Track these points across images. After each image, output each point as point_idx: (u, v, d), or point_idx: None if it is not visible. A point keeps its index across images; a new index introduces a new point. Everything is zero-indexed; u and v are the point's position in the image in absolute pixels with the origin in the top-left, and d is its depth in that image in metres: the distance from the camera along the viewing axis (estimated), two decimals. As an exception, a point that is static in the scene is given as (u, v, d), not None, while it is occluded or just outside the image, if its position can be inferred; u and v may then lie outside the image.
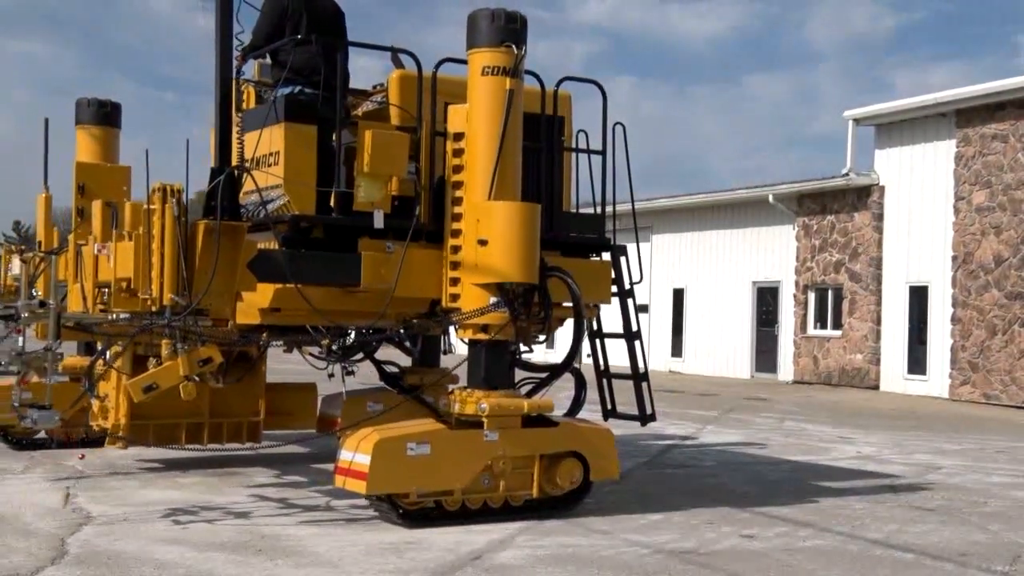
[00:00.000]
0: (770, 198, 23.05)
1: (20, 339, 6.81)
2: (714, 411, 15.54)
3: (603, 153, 7.71)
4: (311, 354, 7.83)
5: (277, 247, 6.52)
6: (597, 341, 7.70)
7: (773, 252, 23.67)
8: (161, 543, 5.84)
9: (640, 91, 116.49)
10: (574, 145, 7.82)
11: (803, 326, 22.87)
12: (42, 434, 9.09)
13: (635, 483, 8.46)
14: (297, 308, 6.64)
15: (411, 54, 7.04)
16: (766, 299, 23.95)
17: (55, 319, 6.65)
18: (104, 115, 9.46)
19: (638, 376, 7.57)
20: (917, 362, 20.43)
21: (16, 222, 76.59)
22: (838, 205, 22.13)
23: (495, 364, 6.68)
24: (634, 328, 7.62)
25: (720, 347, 24.36)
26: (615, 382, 7.82)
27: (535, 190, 6.96)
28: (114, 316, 6.72)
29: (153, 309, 6.28)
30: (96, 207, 7.39)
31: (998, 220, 18.87)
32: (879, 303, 21.14)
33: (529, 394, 7.04)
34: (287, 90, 6.90)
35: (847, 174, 21.54)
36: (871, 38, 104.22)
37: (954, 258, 19.65)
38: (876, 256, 21.20)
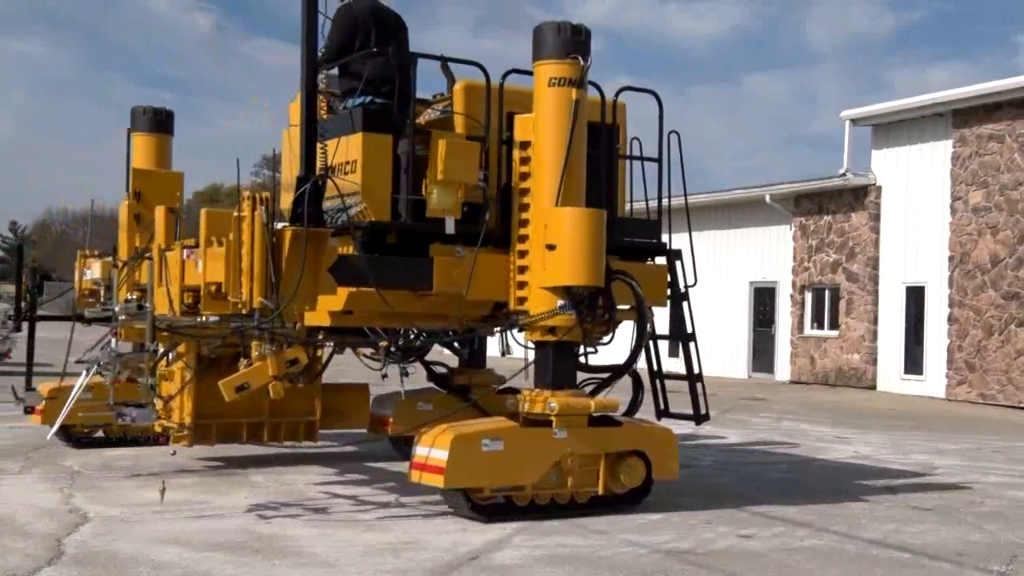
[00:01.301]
0: (767, 198, 23.06)
1: (113, 340, 6.98)
2: (712, 411, 15.52)
3: (659, 161, 7.96)
4: (365, 355, 7.99)
5: (352, 252, 6.72)
6: (651, 343, 7.81)
7: (770, 252, 23.69)
8: (158, 543, 5.84)
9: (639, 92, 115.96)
10: (627, 152, 7.99)
11: (800, 326, 22.89)
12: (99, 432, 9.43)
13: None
14: (367, 311, 6.95)
15: (480, 65, 7.20)
16: (763, 299, 23.97)
17: (152, 321, 6.81)
18: (158, 122, 9.77)
19: (693, 377, 7.73)
20: (914, 362, 20.45)
21: (12, 222, 76.43)
22: (835, 205, 22.14)
23: (562, 365, 6.90)
24: (688, 330, 7.83)
25: (717, 347, 24.38)
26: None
27: (595, 196, 7.13)
28: (203, 319, 6.94)
29: (243, 312, 6.48)
30: (160, 213, 7.79)
31: (995, 220, 18.90)
32: (876, 303, 21.17)
33: (591, 395, 7.17)
34: (360, 100, 7.12)
35: (844, 174, 21.56)
36: (870, 38, 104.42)
37: (951, 258, 19.68)
38: (873, 256, 21.22)
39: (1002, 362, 18.59)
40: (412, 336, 8.18)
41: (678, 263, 7.95)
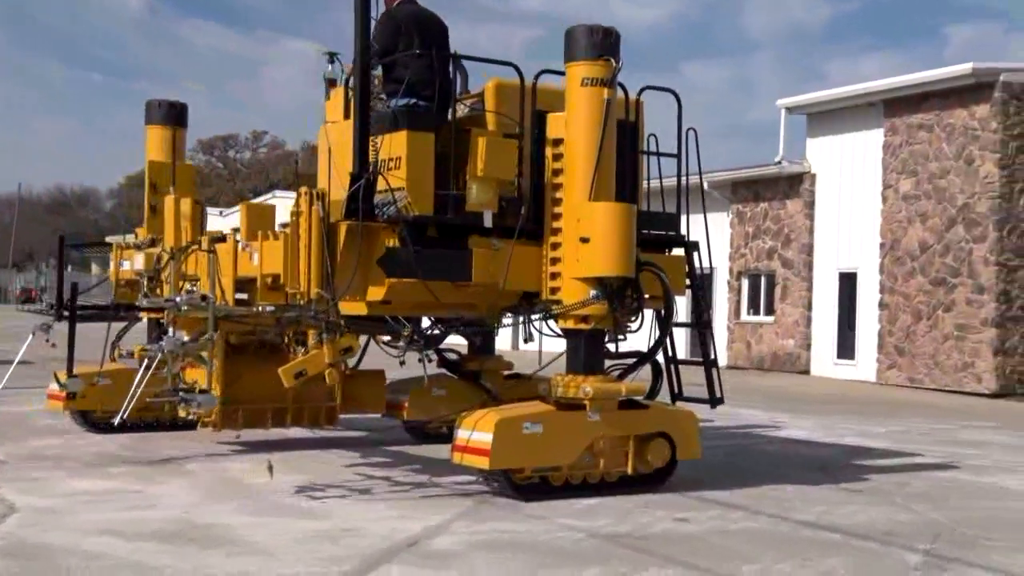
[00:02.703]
0: (705, 185, 23.26)
1: (171, 329, 7.27)
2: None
3: (678, 156, 8.37)
4: (385, 343, 8.20)
5: (393, 244, 6.99)
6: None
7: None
8: (90, 534, 5.72)
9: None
10: (645, 147, 8.29)
11: (736, 312, 23.21)
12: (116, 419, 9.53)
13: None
14: (404, 301, 7.30)
15: (515, 66, 7.48)
16: (701, 285, 24.20)
17: (214, 311, 7.07)
18: (173, 115, 10.02)
19: (708, 362, 8.05)
20: (846, 347, 20.88)
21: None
22: (771, 193, 22.46)
23: (593, 351, 7.25)
24: (704, 318, 8.25)
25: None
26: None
27: (622, 190, 7.42)
28: (259, 308, 7.33)
29: (301, 302, 6.84)
30: (186, 205, 8.21)
31: (923, 208, 19.34)
32: (810, 289, 21.55)
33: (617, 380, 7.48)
34: (405, 102, 7.40)
35: (780, 162, 21.88)
36: (806, 27, 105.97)
37: (882, 245, 20.10)
38: (807, 243, 21.58)
39: (930, 347, 19.06)
40: (431, 324, 8.50)
41: (695, 254, 8.35)
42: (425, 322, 8.59)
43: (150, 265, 9.03)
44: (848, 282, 20.91)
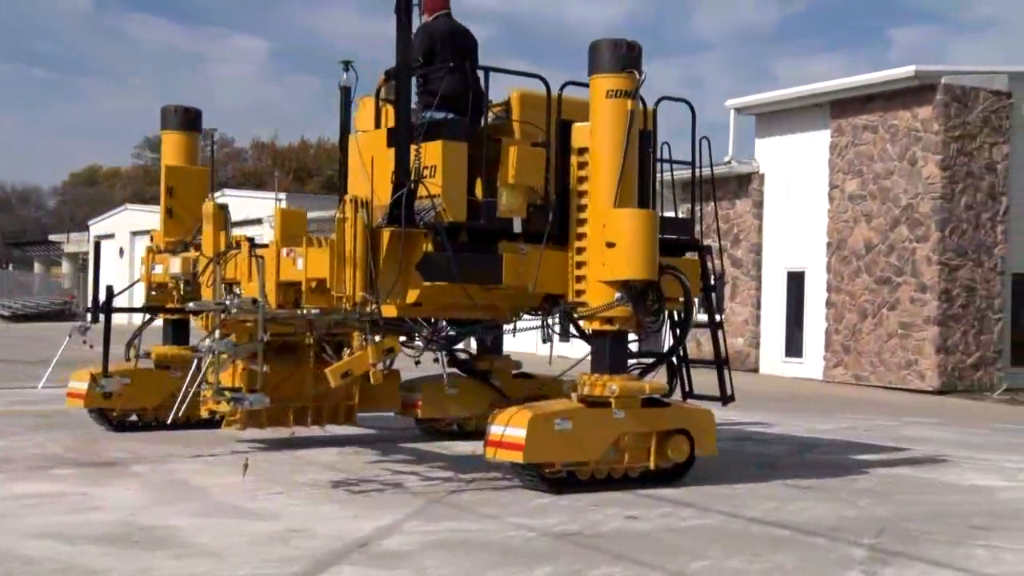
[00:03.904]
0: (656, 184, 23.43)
1: (217, 332, 7.41)
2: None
3: (692, 164, 8.78)
4: (401, 343, 8.32)
5: (431, 250, 7.24)
6: (678, 330, 8.39)
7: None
8: (30, 537, 5.60)
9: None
10: (659, 155, 8.58)
11: (686, 310, 23.38)
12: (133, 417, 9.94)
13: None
14: (433, 304, 7.60)
15: (543, 79, 7.80)
16: (651, 284, 24.39)
17: (263, 315, 7.37)
18: (188, 121, 10.36)
19: (720, 361, 8.38)
20: (794, 345, 21.16)
21: None
22: (720, 192, 22.64)
23: (618, 352, 7.57)
24: (717, 319, 8.58)
25: (606, 331, 24.73)
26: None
27: (642, 197, 7.69)
28: (304, 311, 7.64)
29: (346, 306, 7.10)
30: (208, 208, 8.57)
31: (868, 208, 19.66)
32: (759, 288, 21.81)
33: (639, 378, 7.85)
34: (441, 115, 7.66)
35: (729, 162, 22.10)
36: (756, 28, 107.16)
37: (828, 244, 20.40)
38: (756, 242, 21.84)
39: (875, 344, 19.39)
40: (444, 326, 8.74)
41: (708, 258, 8.66)
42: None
43: (187, 269, 9.19)
44: (796, 281, 21.19)
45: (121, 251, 46.60)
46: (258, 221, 33.12)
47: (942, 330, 18.40)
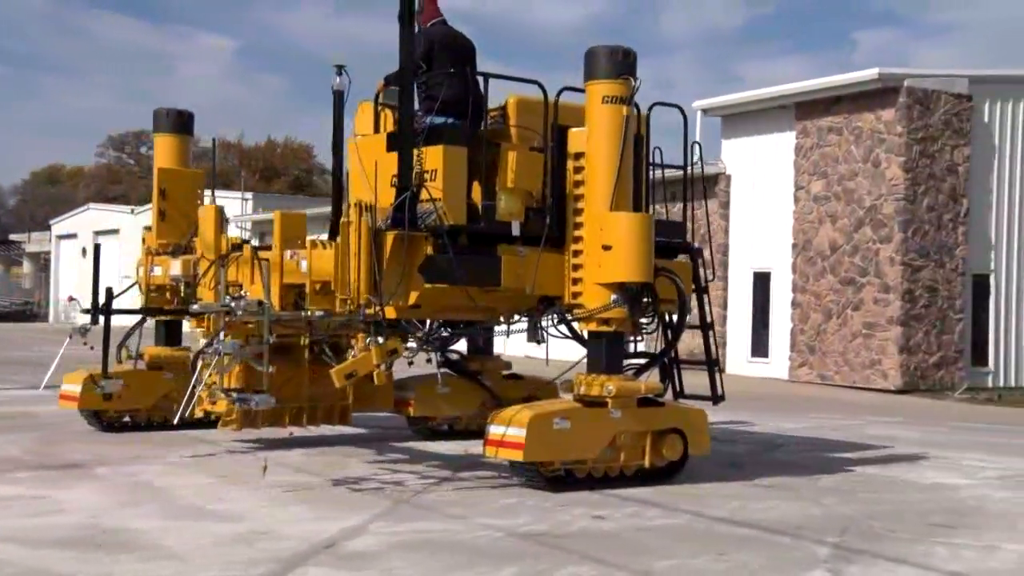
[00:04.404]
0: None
1: (222, 334, 7.53)
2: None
3: (684, 168, 9.04)
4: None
5: (433, 252, 7.34)
6: (669, 332, 8.49)
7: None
8: (-8, 542, 5.53)
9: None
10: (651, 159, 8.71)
11: (653, 311, 23.50)
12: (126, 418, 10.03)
13: (489, 469, 8.54)
14: (432, 305, 7.71)
15: (540, 84, 7.97)
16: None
17: (269, 317, 7.48)
18: (181, 124, 10.46)
19: (711, 362, 8.54)
20: (760, 345, 21.32)
21: None
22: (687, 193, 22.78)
23: (614, 352, 7.69)
24: (708, 320, 8.68)
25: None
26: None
27: (635, 200, 7.85)
28: (308, 313, 7.74)
29: (351, 308, 7.20)
30: (206, 211, 8.69)
31: (833, 209, 19.86)
32: (726, 288, 21.94)
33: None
34: (441, 120, 7.80)
35: (696, 163, 22.19)
36: (724, 30, 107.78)
37: (794, 245, 20.58)
38: (723, 243, 21.98)
39: (839, 344, 19.58)
40: (439, 326, 8.91)
41: (700, 260, 8.81)
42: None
43: (188, 271, 9.19)
44: (762, 281, 21.35)
45: (84, 251, 46.07)
46: (225, 221, 32.76)
47: (905, 330, 18.62)
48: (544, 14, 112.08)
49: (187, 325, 9.82)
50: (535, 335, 8.81)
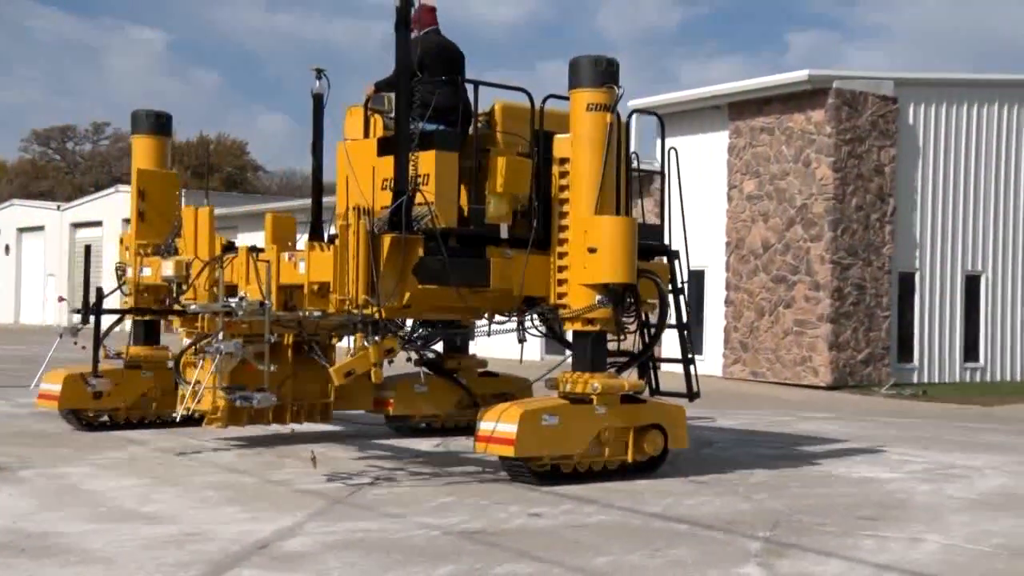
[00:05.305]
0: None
1: (220, 333, 7.70)
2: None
3: (662, 173, 9.53)
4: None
5: (425, 254, 7.49)
6: (647, 331, 8.72)
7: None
8: (-91, 548, 5.35)
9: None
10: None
11: (589, 308, 23.64)
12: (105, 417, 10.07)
13: (430, 465, 8.52)
14: (422, 305, 7.90)
15: (526, 92, 8.25)
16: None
17: (270, 316, 7.70)
18: (159, 125, 10.60)
19: (687, 360, 8.84)
20: (695, 342, 21.52)
21: None
22: (664, 196, 22.98)
23: (598, 351, 7.92)
24: (684, 320, 9.00)
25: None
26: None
27: (617, 204, 8.11)
28: (306, 313, 7.93)
29: (349, 309, 7.38)
30: (195, 213, 8.84)
31: (766, 208, 20.18)
32: (660, 286, 22.15)
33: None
34: (433, 127, 7.92)
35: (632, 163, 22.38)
36: (659, 30, 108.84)
37: (727, 244, 20.86)
38: (657, 241, 22.18)
39: (771, 342, 19.91)
40: (419, 326, 9.20)
41: (676, 262, 9.16)
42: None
43: (180, 271, 9.19)
44: (696, 280, 21.59)
45: (7, 248, 44.81)
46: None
47: (834, 327, 18.99)
48: (479, 11, 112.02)
49: (174, 325, 9.78)
50: (520, 334, 9.03)
